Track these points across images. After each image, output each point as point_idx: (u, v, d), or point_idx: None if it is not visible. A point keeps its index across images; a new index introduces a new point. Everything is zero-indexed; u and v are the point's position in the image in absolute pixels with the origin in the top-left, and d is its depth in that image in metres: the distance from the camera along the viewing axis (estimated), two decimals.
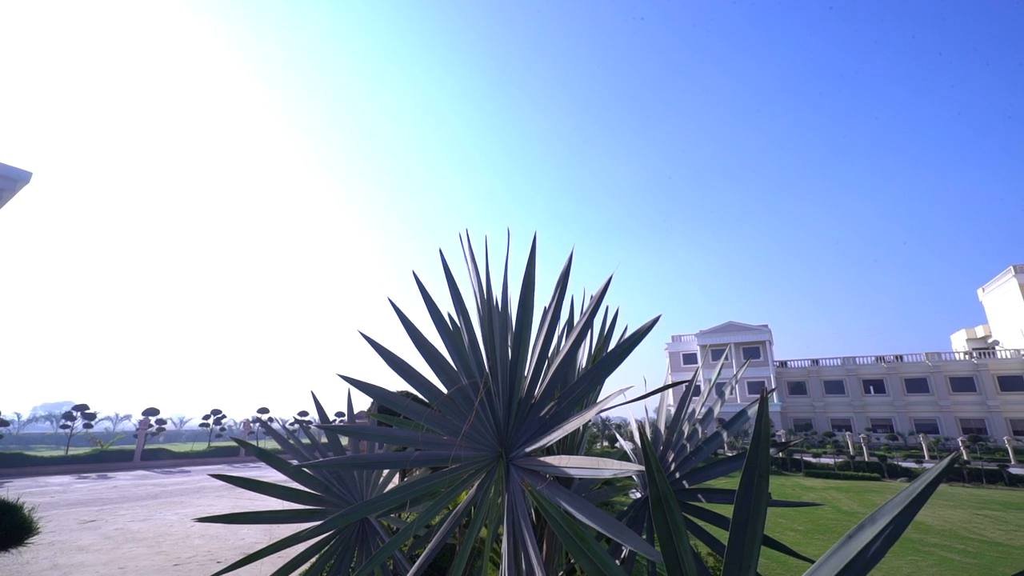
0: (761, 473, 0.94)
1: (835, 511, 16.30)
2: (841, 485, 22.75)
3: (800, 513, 15.72)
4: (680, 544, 0.96)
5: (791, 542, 11.78)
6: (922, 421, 44.50)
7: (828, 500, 18.43)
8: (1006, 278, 44.99)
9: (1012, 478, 22.96)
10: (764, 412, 0.96)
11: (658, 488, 0.96)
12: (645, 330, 1.83)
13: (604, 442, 28.24)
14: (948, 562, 10.15)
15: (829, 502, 18.02)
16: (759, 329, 52.28)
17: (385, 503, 2.00)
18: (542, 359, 2.10)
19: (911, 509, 0.87)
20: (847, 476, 25.15)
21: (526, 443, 2.03)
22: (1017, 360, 42.35)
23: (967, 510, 16.53)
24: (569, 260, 2.06)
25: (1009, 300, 45.05)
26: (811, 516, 15.36)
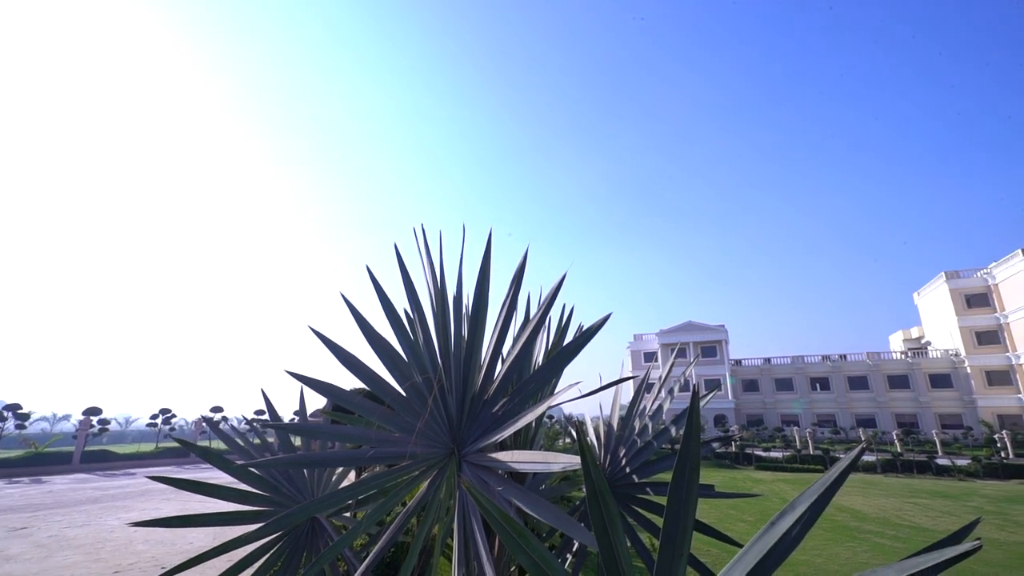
0: (692, 465, 0.98)
1: (781, 501, 17.12)
2: (788, 477, 23.89)
3: (750, 504, 16.43)
4: (614, 535, 0.99)
5: (740, 531, 12.29)
6: (862, 416, 47.30)
7: (775, 491, 19.32)
8: (938, 283, 48.39)
9: (939, 468, 24.76)
10: (695, 408, 1.00)
11: (593, 481, 0.98)
12: (597, 327, 1.86)
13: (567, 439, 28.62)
14: (881, 547, 10.84)
15: (776, 493, 18.90)
16: (716, 329, 54.19)
17: (332, 502, 1.96)
18: (496, 355, 2.10)
19: (825, 497, 0.93)
20: (794, 469, 26.47)
21: (478, 439, 2.04)
22: (946, 360, 45.65)
23: (899, 499, 17.70)
24: (524, 257, 2.07)
25: (940, 304, 48.49)
26: (760, 507, 16.06)
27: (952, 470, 24.37)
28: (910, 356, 48.14)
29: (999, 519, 14.14)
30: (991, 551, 10.59)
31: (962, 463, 25.51)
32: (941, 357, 46.27)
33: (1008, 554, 10.35)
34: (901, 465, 25.48)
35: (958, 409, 44.22)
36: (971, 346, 44.72)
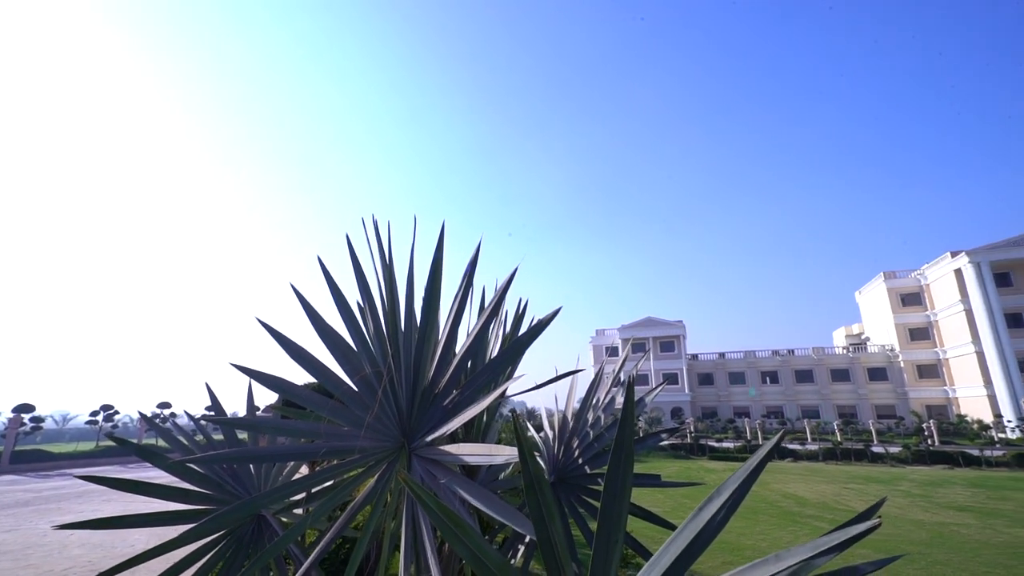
0: (626, 454, 1.01)
1: None
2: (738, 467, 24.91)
3: (703, 493, 17.09)
4: (552, 524, 1.00)
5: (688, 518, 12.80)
6: (808, 408, 50.01)
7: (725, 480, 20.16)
8: (877, 283, 51.63)
9: (874, 455, 26.52)
10: (629, 400, 1.02)
11: (530, 472, 0.99)
12: (547, 320, 1.88)
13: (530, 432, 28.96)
14: (820, 530, 11.52)
15: None
16: (675, 324, 55.89)
17: (275, 498, 1.91)
18: (448, 348, 2.09)
19: (747, 483, 0.98)
20: (744, 458, 27.71)
21: (429, 432, 2.02)
22: (882, 354, 48.84)
23: (838, 484, 18.86)
24: (477, 249, 2.07)
25: (879, 302, 51.77)
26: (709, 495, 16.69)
27: (885, 457, 26.16)
28: (851, 351, 51.21)
29: (924, 501, 15.30)
30: (916, 531, 11.45)
31: (894, 451, 27.40)
32: (878, 352, 49.44)
33: (931, 533, 11.22)
34: (841, 453, 27.12)
35: (892, 400, 47.41)
36: (905, 342, 47.98)
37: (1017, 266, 40.92)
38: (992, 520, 12.63)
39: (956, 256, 42.61)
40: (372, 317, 2.15)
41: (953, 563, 8.83)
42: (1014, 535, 11.05)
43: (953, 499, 15.80)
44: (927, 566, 8.68)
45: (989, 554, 9.47)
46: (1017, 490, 17.58)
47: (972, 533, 11.24)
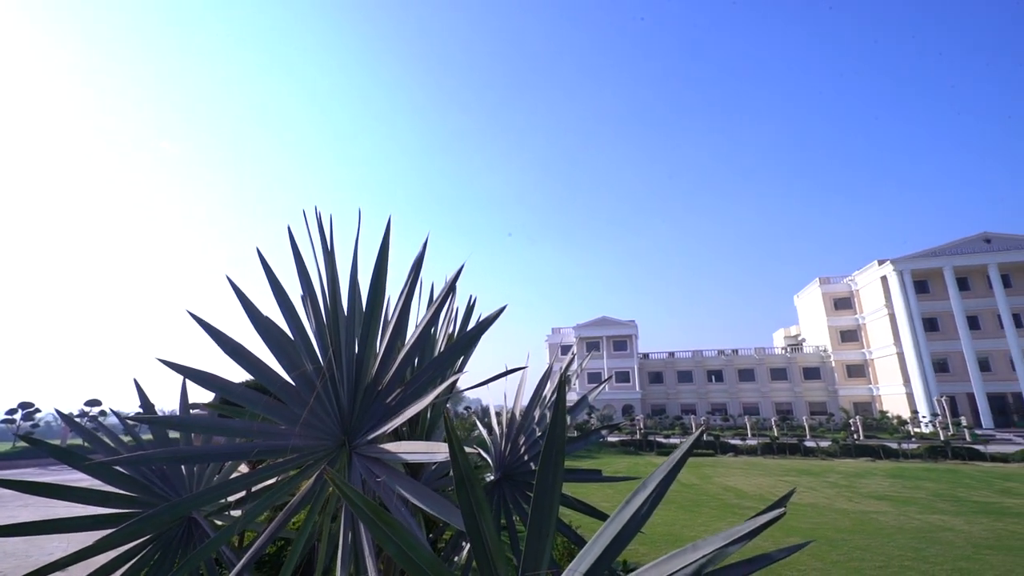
0: (557, 449, 1.03)
1: (677, 484, 18.64)
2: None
3: None
4: (482, 519, 1.01)
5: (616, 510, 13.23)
6: (749, 405, 52.74)
7: None
8: (813, 287, 55.12)
9: (807, 449, 28.33)
10: (561, 397, 1.04)
11: (460, 468, 0.99)
12: (492, 318, 1.88)
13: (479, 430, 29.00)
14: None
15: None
16: (628, 324, 57.47)
17: (204, 500, 1.81)
18: (393, 344, 2.05)
19: (669, 478, 1.02)
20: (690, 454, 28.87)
21: (371, 430, 1.98)
22: (817, 355, 52.21)
23: (774, 477, 20.00)
24: (424, 244, 2.04)
25: (814, 306, 55.29)
26: None
27: (816, 451, 27.99)
28: (789, 351, 54.43)
29: (849, 492, 16.48)
30: (841, 519, 12.32)
31: (824, 445, 29.35)
32: (813, 353, 52.79)
33: (854, 521, 12.11)
34: (777, 448, 28.79)
35: (824, 398, 50.74)
36: (836, 343, 51.46)
37: (934, 275, 44.73)
38: (906, 508, 13.77)
39: (882, 264, 46.07)
40: (313, 311, 2.08)
41: (871, 548, 9.56)
42: (924, 521, 12.10)
43: (874, 489, 17.11)
44: (848, 551, 9.35)
45: (903, 539, 10.32)
46: (929, 480, 19.25)
47: (889, 520, 12.21)
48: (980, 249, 42.91)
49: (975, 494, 16.05)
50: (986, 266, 42.33)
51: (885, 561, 8.72)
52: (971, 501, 14.79)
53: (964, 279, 44.18)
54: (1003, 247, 42.30)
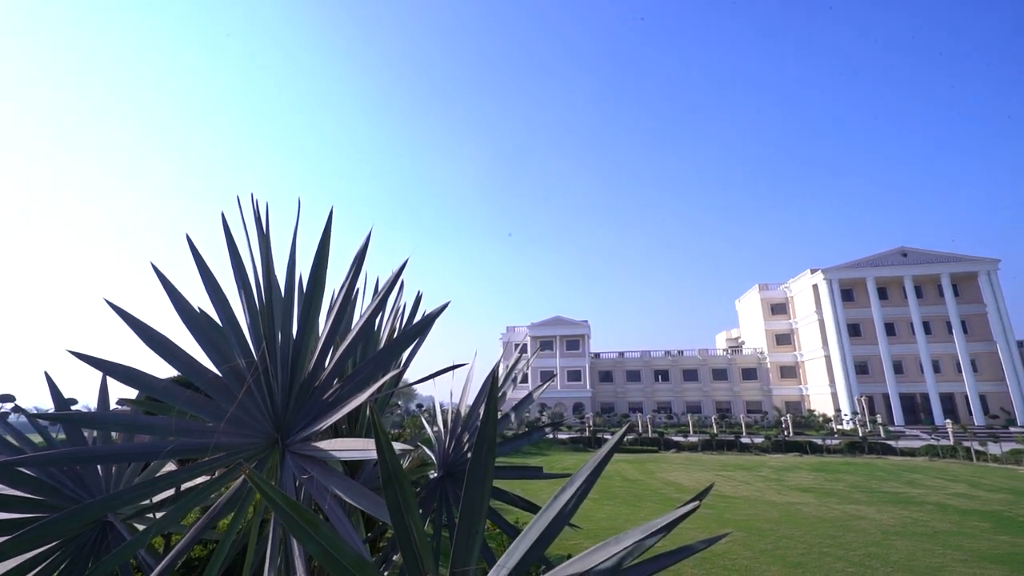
0: (488, 447, 1.03)
1: (622, 480, 19.22)
2: (630, 458, 26.84)
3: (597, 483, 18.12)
4: (409, 516, 0.99)
5: (586, 508, 13.53)
6: (692, 403, 55.11)
7: (619, 471, 21.57)
8: (753, 293, 58.35)
9: (742, 446, 29.96)
10: (493, 394, 1.05)
11: (387, 466, 0.98)
12: (436, 314, 1.86)
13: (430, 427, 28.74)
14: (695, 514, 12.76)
15: (619, 473, 21.13)
16: (581, 324, 58.61)
17: (116, 503, 1.69)
18: (331, 339, 1.99)
19: (596, 472, 1.05)
20: (635, 450, 29.87)
21: (305, 427, 1.91)
22: (754, 356, 55.32)
23: (712, 472, 21.02)
24: (367, 238, 1.99)
25: (753, 310, 58.56)
26: (604, 486, 17.80)
27: (751, 447, 29.66)
28: (729, 353, 57.34)
29: (778, 485, 17.58)
30: (770, 510, 13.12)
31: (758, 441, 31.15)
32: (751, 354, 55.88)
33: (781, 512, 12.92)
34: (716, 444, 30.27)
35: (760, 397, 53.81)
36: (772, 346, 54.69)
37: (858, 284, 48.42)
38: (827, 499, 14.85)
39: (814, 273, 49.40)
40: (247, 302, 1.98)
41: (795, 536, 10.24)
42: (842, 510, 13.09)
43: (799, 482, 18.33)
44: (775, 540, 9.97)
45: (823, 527, 11.13)
46: (848, 473, 20.83)
47: (811, 510, 13.13)
48: (898, 262, 46.89)
49: (886, 485, 17.54)
50: (902, 278, 46.30)
51: (807, 548, 9.37)
52: (882, 492, 16.16)
53: (884, 289, 48.11)
54: (917, 261, 46.44)
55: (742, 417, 42.89)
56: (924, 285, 47.32)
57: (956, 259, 45.99)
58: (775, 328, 55.07)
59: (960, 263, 45.76)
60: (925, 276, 46.48)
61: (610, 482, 18.66)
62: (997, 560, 8.76)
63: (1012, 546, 9.71)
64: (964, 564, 8.50)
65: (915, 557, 8.88)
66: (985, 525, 11.54)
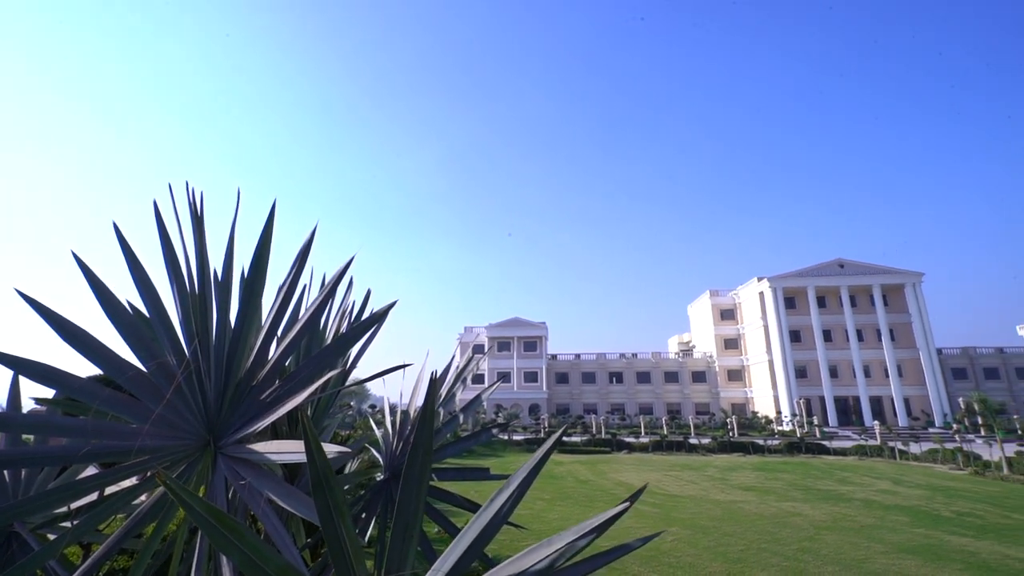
0: (424, 450, 1.01)
1: (575, 481, 19.50)
2: (583, 459, 27.28)
3: (550, 484, 18.31)
4: (340, 521, 0.96)
5: (539, 508, 13.63)
6: (644, 405, 56.72)
7: (572, 473, 21.87)
8: (704, 299, 60.80)
9: (690, 446, 31.06)
10: (431, 396, 1.03)
11: (317, 469, 0.94)
12: (383, 312, 1.82)
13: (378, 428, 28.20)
14: (642, 513, 13.12)
15: (572, 474, 21.42)
16: (538, 326, 59.15)
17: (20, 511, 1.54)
18: (272, 334, 1.90)
19: (532, 475, 1.05)
20: (589, 451, 30.39)
21: (240, 428, 1.82)
22: (704, 360, 57.60)
23: (661, 472, 21.66)
24: (312, 232, 1.92)
25: (704, 315, 61.00)
26: (557, 487, 17.99)
27: (699, 448, 30.79)
28: (681, 356, 59.40)
29: (721, 484, 18.34)
30: (714, 508, 13.66)
31: (705, 442, 32.38)
32: (701, 358, 58.12)
33: (724, 510, 13.48)
34: (666, 445, 31.24)
35: (708, 399, 56.02)
36: (721, 350, 57.10)
37: (800, 292, 51.32)
38: (767, 497, 15.62)
39: (760, 281, 51.98)
40: (179, 295, 1.87)
41: (736, 533, 10.71)
42: (780, 508, 13.81)
43: (742, 481, 19.18)
44: (718, 537, 10.38)
45: (762, 524, 11.69)
46: (786, 472, 21.99)
47: (752, 508, 13.76)
48: (835, 273, 50.09)
49: (820, 483, 18.64)
50: (839, 288, 49.50)
51: (747, 545, 9.81)
52: (816, 489, 17.16)
53: (823, 298, 51.21)
54: (852, 272, 49.79)
55: (691, 418, 44.55)
56: (858, 295, 50.71)
57: (886, 271, 49.63)
58: (724, 333, 57.52)
59: (889, 275, 49.40)
60: (859, 286, 49.86)
61: (563, 483, 18.88)
62: (913, 552, 9.48)
63: (926, 538, 10.54)
64: (885, 556, 9.15)
65: (842, 550, 9.48)
66: (904, 519, 12.48)
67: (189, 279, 1.83)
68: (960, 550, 9.60)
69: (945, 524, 11.90)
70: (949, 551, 9.54)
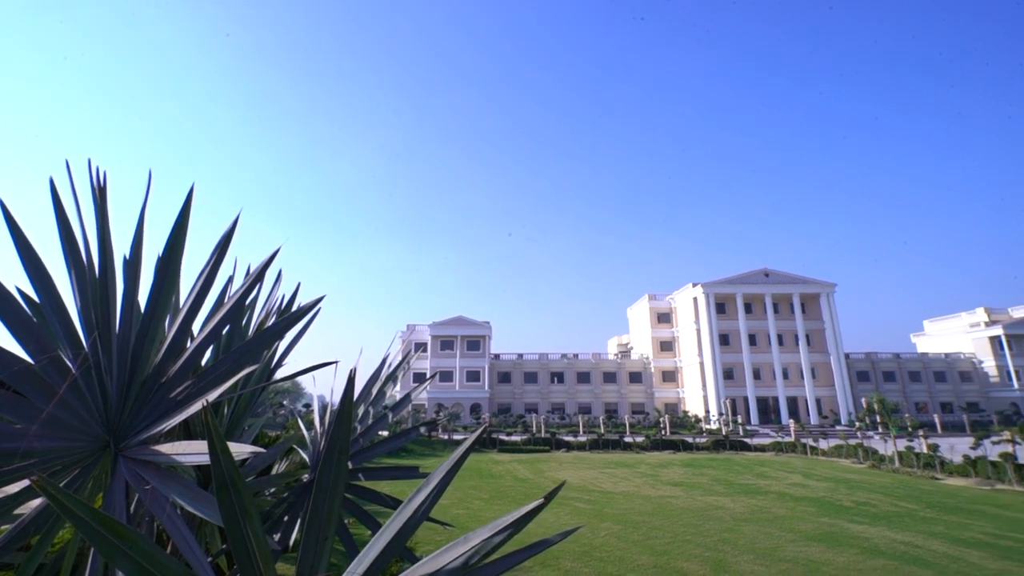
0: (340, 448, 0.98)
1: (514, 479, 19.68)
2: (522, 458, 27.58)
3: (488, 483, 18.36)
4: (246, 525, 0.91)
5: (476, 507, 13.64)
6: (584, 405, 58.22)
7: (510, 472, 22.05)
8: (643, 302, 63.36)
9: (625, 444, 32.24)
10: (348, 396, 1.00)
11: (222, 470, 0.89)
12: (310, 307, 1.75)
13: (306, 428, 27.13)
14: (578, 509, 13.47)
15: (511, 473, 21.59)
16: (482, 325, 59.14)
17: None
18: (186, 328, 1.78)
19: (451, 472, 1.05)
20: (528, 450, 30.77)
21: (145, 429, 1.69)
22: (640, 361, 60.00)
23: (597, 470, 22.32)
24: (235, 221, 1.81)
25: (642, 318, 63.58)
26: (495, 486, 18.08)
27: (633, 446, 32.02)
28: (619, 358, 61.55)
29: (653, 480, 19.18)
30: (645, 504, 14.26)
31: (639, 440, 33.71)
32: (638, 360, 60.50)
33: (655, 505, 14.11)
34: (603, 443, 32.23)
35: (643, 399, 58.37)
36: (657, 352, 59.70)
37: (730, 299, 54.70)
38: (693, 491, 16.51)
39: (695, 287, 54.91)
40: (79, 284, 1.70)
41: (664, 527, 11.24)
42: (705, 501, 14.63)
43: (672, 477, 20.15)
44: (647, 531, 10.85)
45: (688, 518, 12.34)
46: (711, 467, 23.34)
47: (680, 502, 14.50)
48: (761, 281, 53.88)
49: (741, 478, 19.94)
50: (764, 295, 53.30)
51: (673, 537, 10.32)
52: (737, 484, 18.34)
53: (749, 304, 54.88)
54: (776, 281, 53.81)
55: (627, 418, 46.24)
56: (780, 302, 54.77)
57: (804, 281, 54.03)
58: (660, 336, 60.20)
59: (807, 285, 53.84)
60: (781, 294, 53.94)
61: (501, 482, 19.00)
62: (818, 539, 10.37)
63: (829, 526, 11.56)
64: (794, 544, 9.94)
65: (757, 540, 10.20)
66: (812, 509, 13.62)
67: (89, 264, 1.66)
68: (857, 536, 10.62)
69: (846, 513, 13.11)
70: (848, 537, 10.52)
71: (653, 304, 61.53)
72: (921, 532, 11.04)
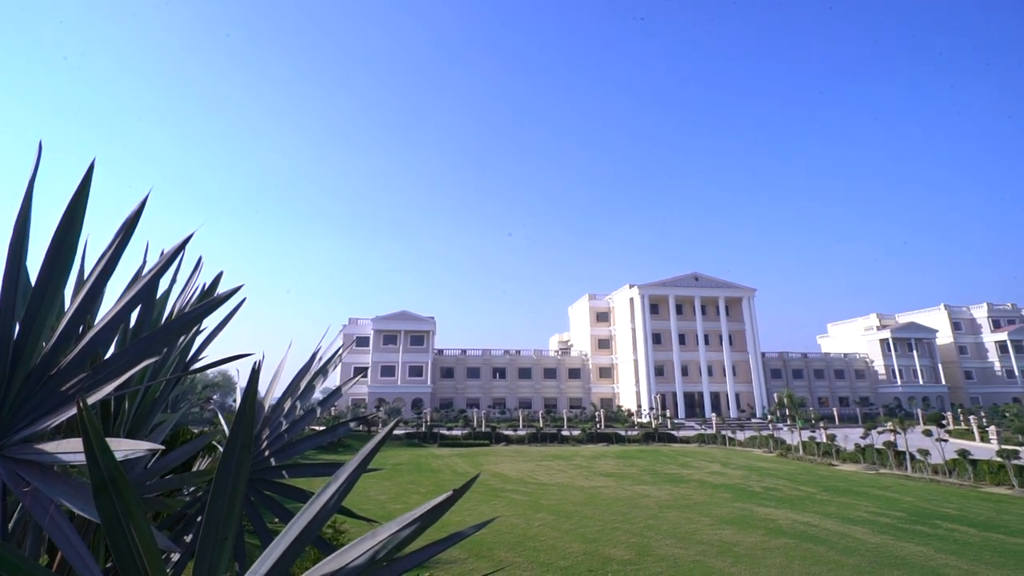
0: (241, 445, 0.95)
1: (452, 473, 19.63)
2: (463, 452, 27.55)
3: (427, 478, 18.20)
4: (130, 527, 0.86)
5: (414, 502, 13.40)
6: (524, 400, 59.04)
7: (449, 466, 21.96)
8: (583, 301, 65.17)
9: (563, 438, 33.08)
10: (250, 390, 0.97)
11: (101, 470, 0.83)
12: (222, 299, 1.65)
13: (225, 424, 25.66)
14: (514, 501, 13.67)
15: (450, 467, 21.52)
16: (427, 320, 58.33)
17: None
18: (81, 316, 1.62)
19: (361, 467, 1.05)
20: (469, 444, 30.80)
21: (28, 426, 1.53)
22: (579, 358, 61.74)
23: (535, 463, 22.74)
24: (143, 201, 1.67)
25: (582, 316, 65.39)
26: (434, 480, 17.94)
27: (570, 439, 32.91)
28: (559, 355, 62.95)
29: (587, 471, 19.83)
30: (578, 494, 14.72)
31: (576, 434, 34.71)
32: (577, 356, 62.16)
33: (587, 495, 14.59)
34: (541, 437, 32.88)
35: (581, 394, 60.09)
36: (595, 349, 61.62)
37: (662, 300, 57.48)
38: (623, 481, 17.23)
39: (632, 288, 57.18)
40: None
41: (595, 516, 11.66)
42: (633, 491, 15.33)
43: (604, 468, 20.92)
44: (579, 520, 11.21)
45: (617, 506, 12.88)
46: (640, 458, 24.46)
47: (610, 492, 15.09)
48: (691, 284, 57.10)
49: (666, 468, 21.07)
50: (693, 298, 56.54)
51: (603, 525, 10.74)
52: (663, 473, 19.37)
53: (680, 305, 57.95)
54: (704, 285, 57.25)
55: (565, 412, 47.45)
56: (708, 305, 58.27)
57: (729, 286, 57.87)
58: (598, 334, 62.17)
59: (732, 289, 57.69)
60: (709, 297, 57.42)
61: (440, 476, 18.90)
62: (731, 522, 11.17)
63: (741, 511, 12.49)
64: (710, 527, 10.66)
65: (679, 525, 10.83)
66: (727, 495, 14.64)
67: None
68: (764, 518, 11.56)
69: (756, 498, 14.23)
70: (756, 519, 11.43)
71: (593, 303, 63.39)
72: (817, 513, 12.20)
